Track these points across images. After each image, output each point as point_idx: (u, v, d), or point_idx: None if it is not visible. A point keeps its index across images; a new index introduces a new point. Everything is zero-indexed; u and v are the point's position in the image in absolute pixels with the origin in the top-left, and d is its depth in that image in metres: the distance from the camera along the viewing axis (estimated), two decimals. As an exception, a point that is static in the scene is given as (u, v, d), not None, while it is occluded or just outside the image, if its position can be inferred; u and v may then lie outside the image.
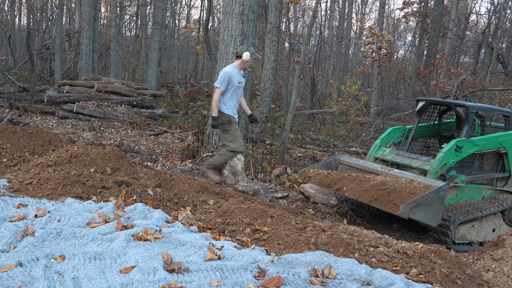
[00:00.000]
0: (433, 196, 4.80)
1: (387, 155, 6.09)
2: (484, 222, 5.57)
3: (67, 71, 19.98)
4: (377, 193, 5.03)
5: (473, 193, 5.77)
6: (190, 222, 3.50)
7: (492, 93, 15.42)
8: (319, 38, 19.73)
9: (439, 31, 17.91)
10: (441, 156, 5.36)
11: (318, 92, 19.07)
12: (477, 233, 5.54)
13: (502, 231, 5.62)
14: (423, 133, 6.70)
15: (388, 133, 6.45)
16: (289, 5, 20.42)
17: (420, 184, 5.02)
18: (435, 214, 4.88)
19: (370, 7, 39.78)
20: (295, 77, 10.06)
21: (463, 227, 5.37)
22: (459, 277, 3.01)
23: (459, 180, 5.51)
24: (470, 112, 5.64)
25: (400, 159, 5.86)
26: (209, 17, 14.20)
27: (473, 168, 5.85)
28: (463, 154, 5.49)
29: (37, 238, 2.67)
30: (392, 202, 4.82)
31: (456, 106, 5.95)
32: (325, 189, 5.96)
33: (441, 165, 5.32)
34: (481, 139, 5.63)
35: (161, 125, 12.11)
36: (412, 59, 27.96)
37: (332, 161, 6.42)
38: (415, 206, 4.68)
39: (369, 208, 6.40)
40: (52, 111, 11.87)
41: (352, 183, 5.47)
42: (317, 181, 5.93)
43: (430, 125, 6.70)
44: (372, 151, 6.32)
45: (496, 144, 5.75)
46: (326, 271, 2.66)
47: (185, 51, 29.94)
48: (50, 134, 5.57)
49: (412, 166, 5.65)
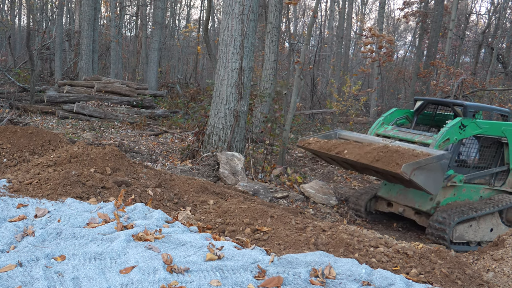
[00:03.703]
0: (435, 162, 4.75)
1: (389, 132, 6.01)
2: (481, 222, 5.55)
3: (67, 71, 19.98)
4: (379, 154, 4.96)
5: (470, 193, 5.75)
6: (190, 222, 3.50)
7: (492, 93, 15.41)
8: (319, 38, 19.73)
9: (439, 31, 17.89)
10: (445, 130, 5.31)
11: (318, 92, 19.07)
12: (475, 233, 5.51)
13: (500, 231, 5.59)
14: (425, 121, 6.66)
15: (392, 112, 6.39)
16: (289, 5, 20.42)
17: (422, 152, 4.96)
18: (435, 182, 4.84)
19: (370, 7, 39.80)
20: (295, 77, 10.06)
21: (460, 227, 5.35)
22: (459, 277, 3.01)
23: (457, 180, 5.49)
24: (468, 111, 5.63)
25: (403, 135, 5.79)
26: (209, 17, 14.20)
27: (472, 163, 5.79)
28: (467, 133, 5.44)
29: (37, 238, 2.67)
30: (394, 162, 4.76)
31: (454, 105, 5.94)
32: (324, 152, 5.79)
33: (444, 139, 5.26)
34: (485, 122, 5.60)
35: (161, 125, 12.11)
36: (412, 59, 27.96)
37: (332, 134, 6.32)
38: (417, 168, 4.62)
39: (366, 207, 6.37)
40: (52, 111, 11.87)
41: (354, 147, 5.39)
42: (317, 146, 5.84)
43: (433, 113, 6.65)
44: (374, 128, 6.23)
45: (499, 131, 5.71)
46: (326, 271, 2.66)
47: (185, 51, 29.93)
48: (50, 134, 5.57)
49: (414, 140, 5.57)
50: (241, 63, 7.24)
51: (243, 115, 7.49)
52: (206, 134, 7.57)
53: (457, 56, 22.46)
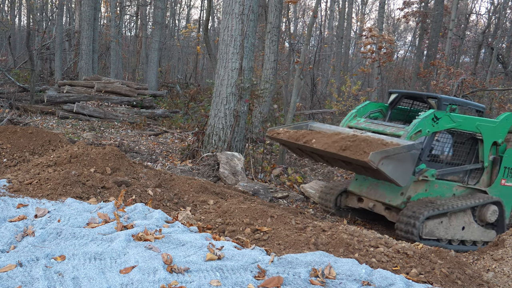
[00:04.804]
0: (405, 152, 4.57)
1: (361, 124, 5.79)
2: (453, 219, 5.35)
3: (67, 71, 19.98)
4: (346, 143, 4.78)
5: (443, 189, 5.54)
6: (190, 222, 3.50)
7: (492, 93, 15.41)
8: (319, 38, 19.71)
9: (439, 31, 17.89)
10: (417, 122, 5.11)
11: (318, 92, 19.06)
12: (446, 230, 5.31)
13: (472, 230, 5.46)
14: (400, 116, 6.40)
15: (365, 105, 6.18)
16: (289, 5, 20.43)
17: (392, 142, 4.77)
18: (404, 172, 4.67)
19: (370, 7, 39.77)
20: (295, 77, 10.06)
21: (430, 223, 5.14)
22: (459, 277, 3.01)
23: (429, 174, 5.28)
24: (443, 104, 5.46)
25: (375, 127, 5.58)
26: (209, 17, 14.20)
27: (446, 158, 5.61)
28: (440, 126, 5.25)
29: (37, 238, 2.67)
30: (362, 150, 4.57)
31: (428, 98, 5.75)
32: (292, 142, 5.54)
33: (416, 131, 5.06)
34: (459, 116, 5.42)
35: (161, 125, 12.11)
36: (412, 59, 27.95)
37: (304, 125, 6.09)
38: (385, 157, 4.44)
39: (336, 202, 6.12)
40: (52, 111, 11.87)
41: (322, 137, 5.20)
42: (285, 136, 5.64)
43: (408, 109, 6.44)
44: (346, 120, 6.02)
45: (473, 127, 5.51)
46: (326, 271, 2.66)
47: (185, 51, 29.93)
48: (50, 134, 5.57)
49: (386, 132, 5.35)
50: (241, 63, 7.24)
51: (243, 115, 7.49)
52: (206, 134, 7.57)
53: (457, 56, 22.45)
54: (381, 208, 5.67)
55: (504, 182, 5.81)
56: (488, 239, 5.56)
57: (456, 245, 5.43)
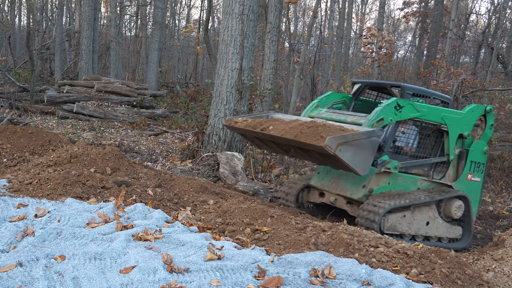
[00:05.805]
0: (364, 139, 4.34)
1: (323, 114, 5.54)
2: (417, 213, 5.11)
3: (67, 71, 19.99)
4: (303, 129, 4.56)
5: (407, 183, 5.27)
6: (190, 222, 3.50)
7: (492, 93, 15.41)
8: (319, 38, 19.72)
9: (439, 31, 17.90)
10: (379, 109, 4.86)
11: (318, 92, 19.05)
12: (409, 225, 5.08)
13: (437, 225, 5.25)
14: (365, 108, 6.08)
15: (327, 95, 5.97)
16: (289, 5, 20.43)
17: (352, 129, 4.55)
18: (364, 160, 4.43)
19: (370, 7, 39.80)
20: (295, 77, 10.06)
21: (392, 216, 4.89)
22: (459, 277, 3.01)
23: (392, 166, 5.04)
24: (406, 92, 5.21)
25: (336, 116, 5.33)
26: (209, 17, 14.20)
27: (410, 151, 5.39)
28: (403, 115, 5.01)
29: (37, 238, 2.67)
30: (318, 135, 4.35)
31: (391, 87, 5.53)
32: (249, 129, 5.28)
33: (377, 119, 4.80)
34: (424, 106, 5.17)
35: (161, 125, 12.12)
36: (412, 59, 27.95)
37: (264, 115, 5.81)
38: (343, 143, 4.20)
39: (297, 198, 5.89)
40: (52, 111, 11.88)
41: (280, 124, 4.96)
42: (243, 125, 5.37)
43: (373, 101, 6.21)
44: (307, 110, 5.77)
45: (438, 118, 5.25)
46: (326, 271, 2.66)
47: (185, 51, 29.94)
48: (50, 134, 5.57)
49: (347, 121, 5.10)
50: (241, 63, 7.25)
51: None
52: (206, 134, 7.57)
53: (457, 56, 22.45)
54: (342, 202, 5.41)
55: (470, 177, 5.55)
56: (454, 235, 5.36)
57: (421, 241, 5.16)
